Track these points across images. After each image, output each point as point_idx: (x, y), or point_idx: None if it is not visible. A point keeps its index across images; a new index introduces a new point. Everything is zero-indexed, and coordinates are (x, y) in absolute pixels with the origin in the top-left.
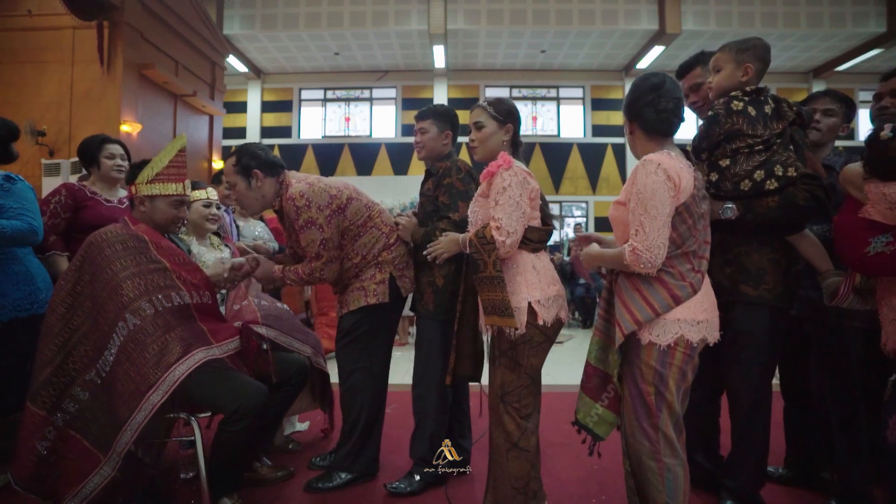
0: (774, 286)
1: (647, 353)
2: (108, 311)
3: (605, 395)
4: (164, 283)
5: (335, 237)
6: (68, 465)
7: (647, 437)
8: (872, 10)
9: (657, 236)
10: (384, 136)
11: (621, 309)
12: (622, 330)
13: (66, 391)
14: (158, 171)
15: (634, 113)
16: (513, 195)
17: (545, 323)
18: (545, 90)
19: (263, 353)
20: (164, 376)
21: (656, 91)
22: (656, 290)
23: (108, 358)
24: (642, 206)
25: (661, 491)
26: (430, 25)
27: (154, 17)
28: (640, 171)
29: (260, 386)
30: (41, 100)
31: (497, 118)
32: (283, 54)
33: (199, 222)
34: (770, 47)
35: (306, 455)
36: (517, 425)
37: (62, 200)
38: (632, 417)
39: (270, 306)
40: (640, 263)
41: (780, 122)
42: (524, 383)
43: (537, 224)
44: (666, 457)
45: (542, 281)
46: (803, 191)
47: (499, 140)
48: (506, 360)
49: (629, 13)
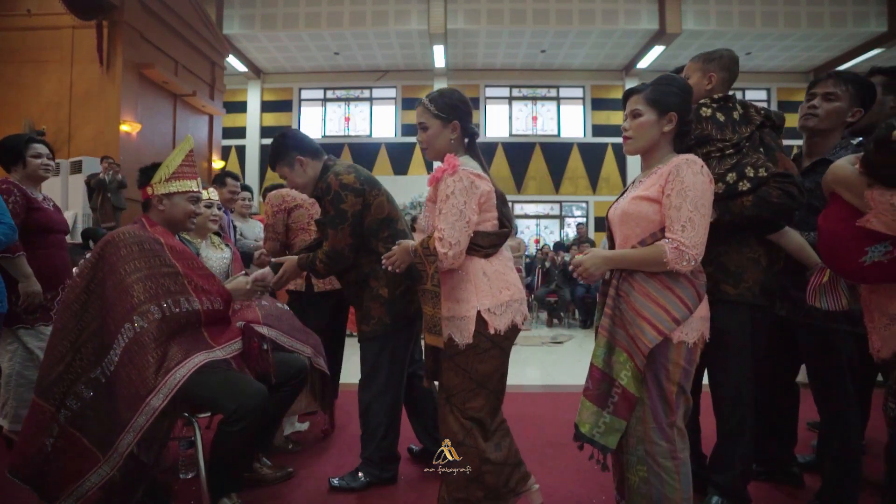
0: (754, 284)
1: (677, 353)
2: (116, 310)
3: (610, 401)
4: (175, 288)
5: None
6: (68, 462)
7: (665, 436)
8: (873, 10)
9: (703, 234)
10: (384, 136)
11: (644, 325)
12: (643, 343)
13: (71, 388)
14: (174, 169)
15: (680, 109)
16: (456, 203)
17: (496, 331)
18: (545, 90)
19: (264, 353)
20: (165, 380)
21: (690, 95)
22: (686, 287)
23: (113, 358)
24: (692, 202)
25: (679, 489)
26: (430, 25)
27: (154, 17)
28: (685, 168)
29: (260, 387)
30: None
31: (440, 116)
32: (283, 54)
33: (201, 222)
34: (738, 58)
35: (306, 455)
36: (461, 425)
37: (18, 201)
38: (649, 419)
39: (271, 306)
40: (684, 260)
41: (748, 126)
42: (470, 387)
43: (491, 227)
44: (681, 451)
45: (494, 287)
46: (776, 189)
47: (445, 139)
48: (451, 364)
49: (629, 13)
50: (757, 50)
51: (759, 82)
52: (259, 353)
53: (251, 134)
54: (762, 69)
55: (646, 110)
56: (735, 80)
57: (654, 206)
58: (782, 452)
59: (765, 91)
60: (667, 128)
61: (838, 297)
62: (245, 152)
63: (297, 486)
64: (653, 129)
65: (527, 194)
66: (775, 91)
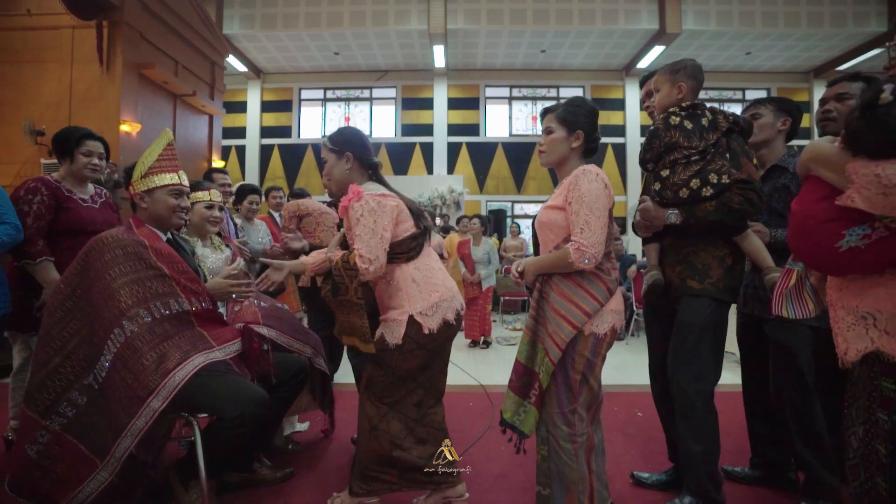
0: (718, 280)
1: (583, 345)
2: (104, 316)
3: (532, 392)
4: (163, 290)
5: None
6: (64, 470)
7: (567, 421)
8: (873, 10)
9: (600, 234)
10: (384, 136)
11: (559, 321)
12: (561, 338)
13: (64, 395)
14: (150, 164)
15: (586, 127)
16: (367, 223)
17: (430, 331)
18: (545, 90)
19: (264, 354)
20: (164, 382)
21: (596, 116)
22: (595, 283)
23: (104, 364)
24: (588, 207)
25: (576, 469)
26: (430, 25)
27: (154, 17)
28: (582, 178)
29: (261, 392)
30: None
31: (333, 150)
32: (283, 54)
33: (200, 224)
34: (701, 66)
35: (306, 455)
36: (377, 410)
37: (45, 201)
38: (553, 406)
39: (270, 307)
40: (585, 258)
41: (714, 132)
42: (389, 380)
43: (410, 233)
44: (581, 435)
45: (423, 291)
46: (737, 195)
47: (341, 170)
48: (376, 358)
49: (629, 13)
50: (757, 50)
51: (759, 82)
52: (259, 354)
53: (251, 134)
54: (762, 69)
55: (557, 128)
56: (701, 87)
57: (562, 214)
58: (779, 457)
59: (765, 91)
60: (575, 144)
61: (804, 304)
62: (245, 152)
63: (297, 486)
64: (563, 144)
65: (527, 194)
66: (775, 91)
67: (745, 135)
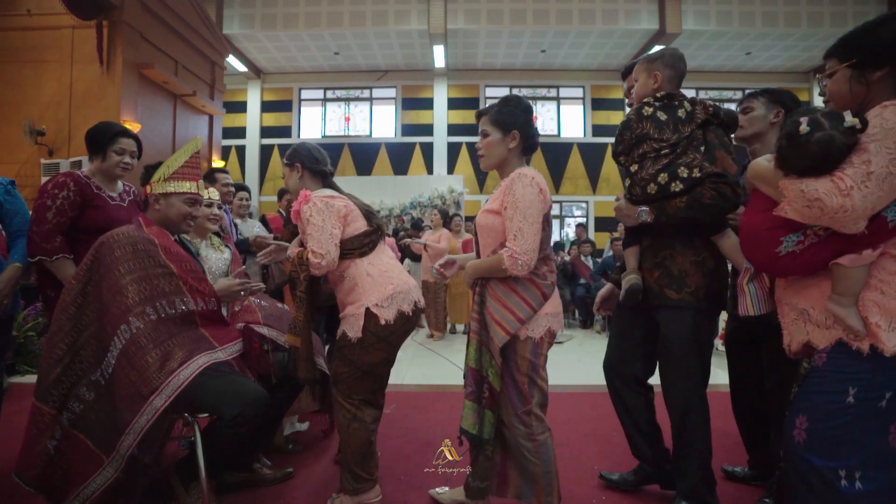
0: (697, 288)
1: (523, 347)
2: (111, 312)
3: (483, 396)
4: (169, 289)
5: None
6: (73, 465)
7: (523, 422)
8: (873, 10)
9: (533, 241)
10: (384, 136)
11: (494, 326)
12: (495, 344)
13: (73, 390)
14: (175, 169)
15: (521, 126)
16: (316, 222)
17: (387, 322)
18: (545, 90)
19: (264, 354)
20: (168, 381)
21: (531, 114)
22: (530, 289)
23: (111, 360)
24: (521, 213)
25: (539, 465)
26: (430, 25)
27: (153, 17)
28: (517, 182)
29: (261, 391)
30: (40, 99)
31: (287, 164)
32: (283, 54)
33: (200, 222)
34: (683, 56)
35: (306, 455)
36: (350, 404)
37: (70, 197)
38: (508, 407)
39: (271, 307)
40: (517, 265)
41: (689, 124)
42: (355, 375)
43: (362, 230)
44: (539, 434)
45: (378, 284)
46: (710, 189)
47: (294, 181)
48: (341, 354)
49: (629, 13)
50: (757, 50)
51: (759, 82)
52: (259, 354)
53: (251, 134)
54: (762, 69)
55: (492, 130)
56: (682, 77)
57: (499, 218)
58: (776, 457)
59: None
60: (512, 144)
61: (761, 301)
62: (245, 152)
63: (297, 486)
64: (499, 146)
65: None
66: None
67: (725, 127)
